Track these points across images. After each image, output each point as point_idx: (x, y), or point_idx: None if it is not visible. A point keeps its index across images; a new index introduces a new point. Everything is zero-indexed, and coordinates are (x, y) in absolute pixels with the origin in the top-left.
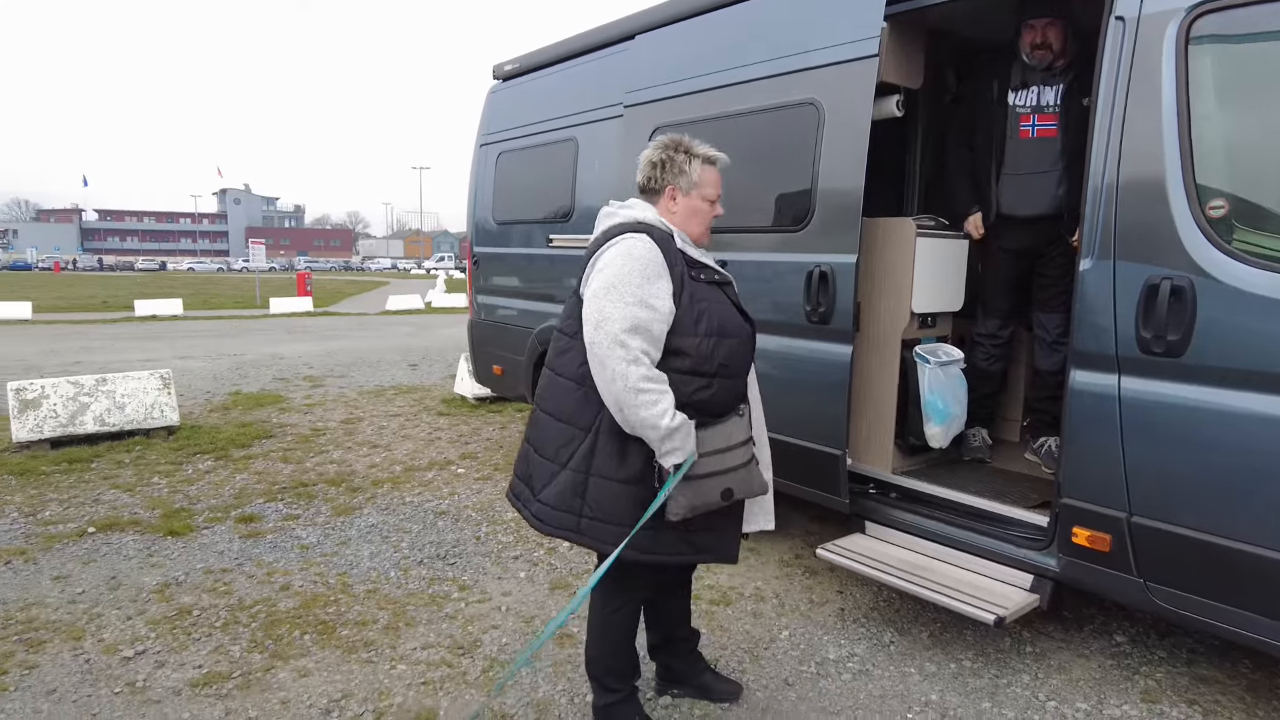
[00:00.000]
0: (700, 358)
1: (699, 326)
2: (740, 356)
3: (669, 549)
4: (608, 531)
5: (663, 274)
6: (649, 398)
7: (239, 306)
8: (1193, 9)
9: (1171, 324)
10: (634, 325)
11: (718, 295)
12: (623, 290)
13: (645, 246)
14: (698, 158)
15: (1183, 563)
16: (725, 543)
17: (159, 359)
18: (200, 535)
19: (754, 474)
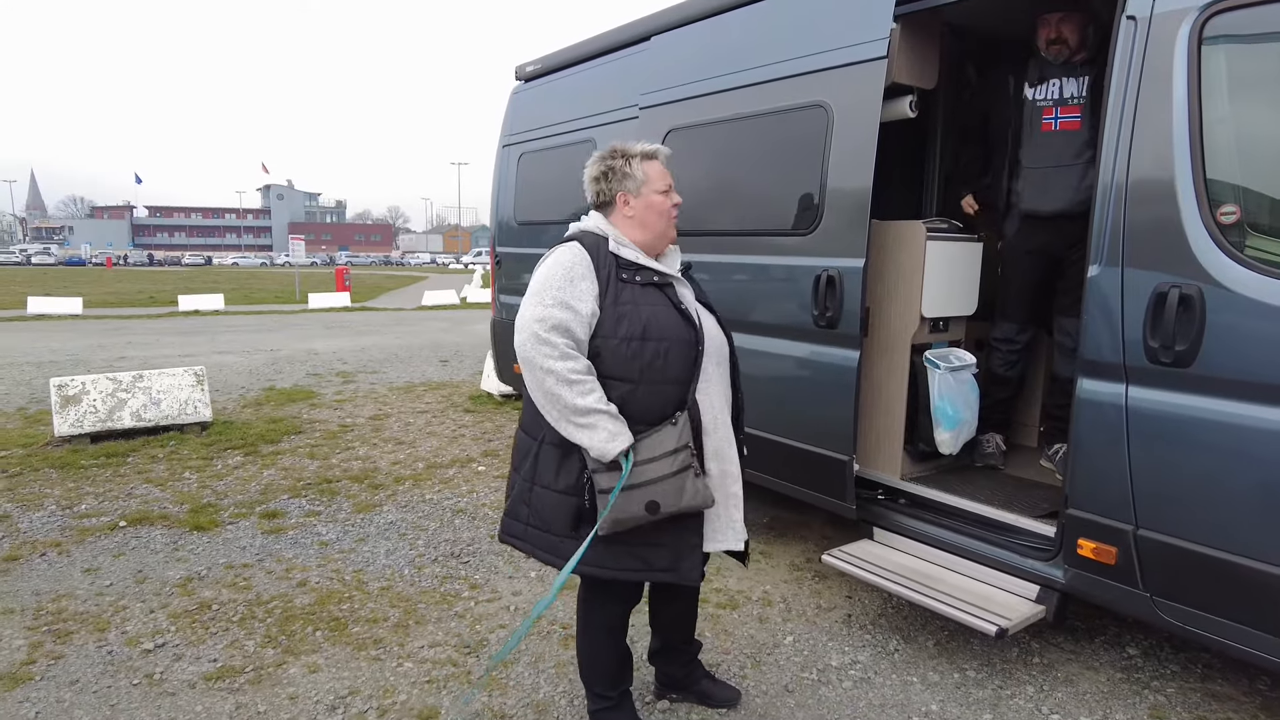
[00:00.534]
0: (619, 361)
1: (618, 329)
2: (674, 360)
3: (617, 564)
4: (545, 540)
5: (586, 276)
6: (584, 387)
7: (279, 301)
8: (1206, 8)
9: (1180, 333)
10: (555, 324)
11: (652, 297)
12: (543, 294)
13: (571, 252)
14: (635, 157)
15: (1189, 578)
16: (684, 562)
17: (198, 354)
18: (225, 530)
19: (687, 486)
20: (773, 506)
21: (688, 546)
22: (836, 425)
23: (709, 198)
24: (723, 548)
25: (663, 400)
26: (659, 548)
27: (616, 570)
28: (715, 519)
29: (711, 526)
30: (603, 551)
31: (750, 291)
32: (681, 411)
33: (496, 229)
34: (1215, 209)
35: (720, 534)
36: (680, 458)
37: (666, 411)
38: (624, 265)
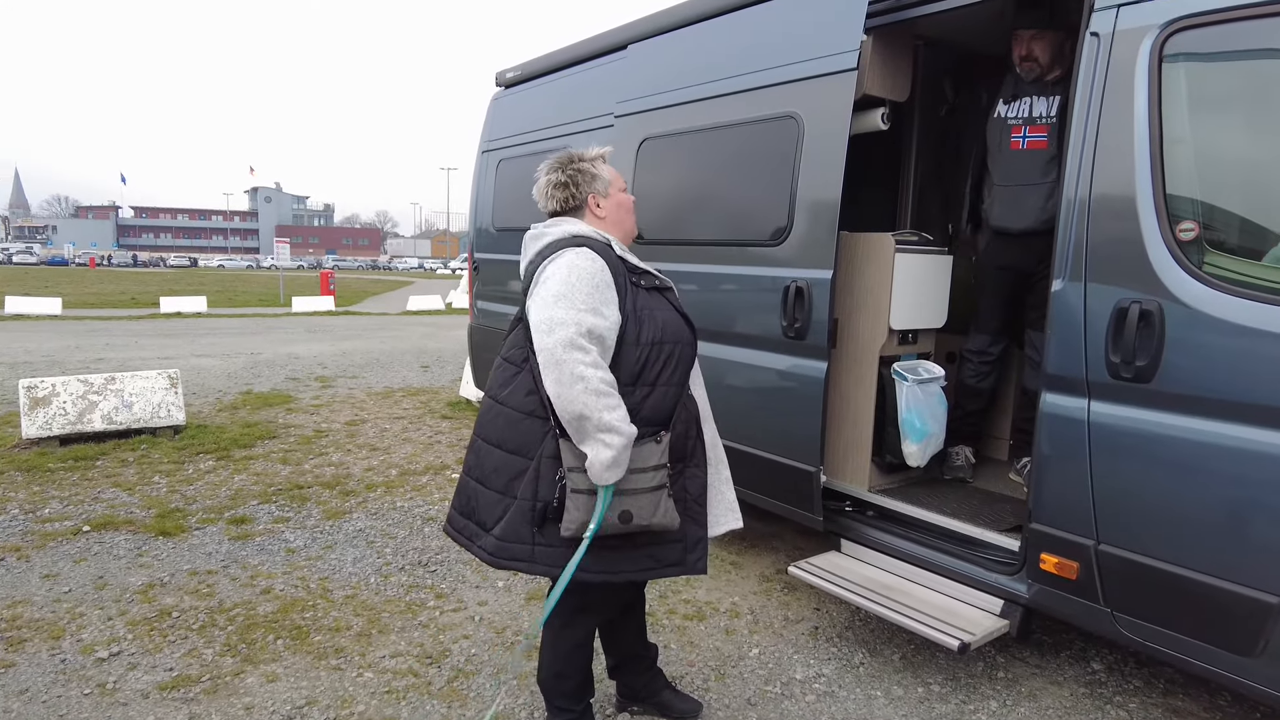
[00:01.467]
0: (641, 366)
1: (641, 334)
2: (682, 363)
3: (632, 566)
4: (558, 555)
5: (610, 283)
6: (612, 401)
7: (263, 304)
8: (1167, 25)
9: (1140, 349)
10: (589, 330)
11: (659, 301)
12: (573, 298)
13: (588, 258)
14: (594, 160)
15: (1149, 593)
16: (692, 554)
17: (176, 357)
18: (191, 536)
19: (660, 504)
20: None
21: (694, 539)
22: (804, 436)
23: (682, 207)
24: (726, 529)
25: (670, 402)
26: (672, 544)
27: (631, 572)
28: (714, 504)
29: (714, 512)
30: (614, 556)
31: (721, 301)
32: (666, 431)
33: (475, 235)
34: (1175, 226)
35: (723, 517)
36: (659, 475)
37: (669, 415)
38: (631, 270)
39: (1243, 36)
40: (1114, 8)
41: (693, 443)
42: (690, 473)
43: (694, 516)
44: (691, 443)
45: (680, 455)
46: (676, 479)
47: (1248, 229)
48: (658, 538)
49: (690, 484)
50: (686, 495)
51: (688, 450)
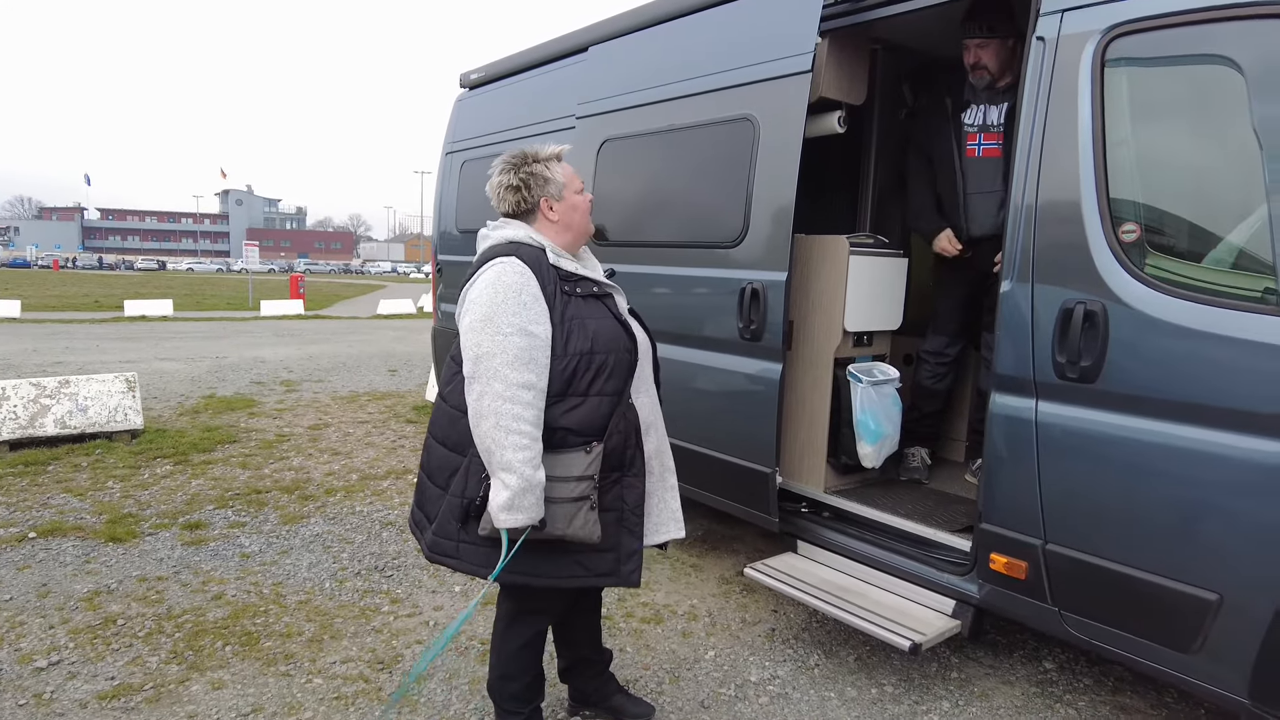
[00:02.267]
0: (569, 378)
1: (569, 345)
2: (616, 372)
3: (558, 572)
4: (481, 554)
5: (538, 296)
6: (518, 441)
7: (231, 308)
8: (1109, 30)
9: (1086, 349)
10: (517, 355)
11: (594, 309)
12: (499, 321)
13: (515, 271)
14: (550, 160)
15: (1095, 592)
16: (626, 565)
17: (138, 360)
18: (143, 542)
19: (579, 516)
20: (706, 519)
21: (628, 550)
22: (760, 437)
23: (642, 208)
24: (666, 538)
25: (602, 412)
26: (603, 553)
27: (557, 578)
28: (657, 512)
29: (654, 520)
30: (541, 559)
31: (680, 303)
32: (597, 443)
33: (438, 237)
34: (1118, 228)
35: (664, 525)
36: (581, 486)
37: (604, 424)
38: (565, 278)
39: (1180, 41)
40: (1058, 13)
41: (631, 452)
42: (628, 482)
43: (630, 527)
44: (630, 452)
45: (617, 465)
46: (612, 488)
47: (1187, 231)
48: (586, 546)
49: (628, 493)
50: (623, 505)
51: (625, 460)
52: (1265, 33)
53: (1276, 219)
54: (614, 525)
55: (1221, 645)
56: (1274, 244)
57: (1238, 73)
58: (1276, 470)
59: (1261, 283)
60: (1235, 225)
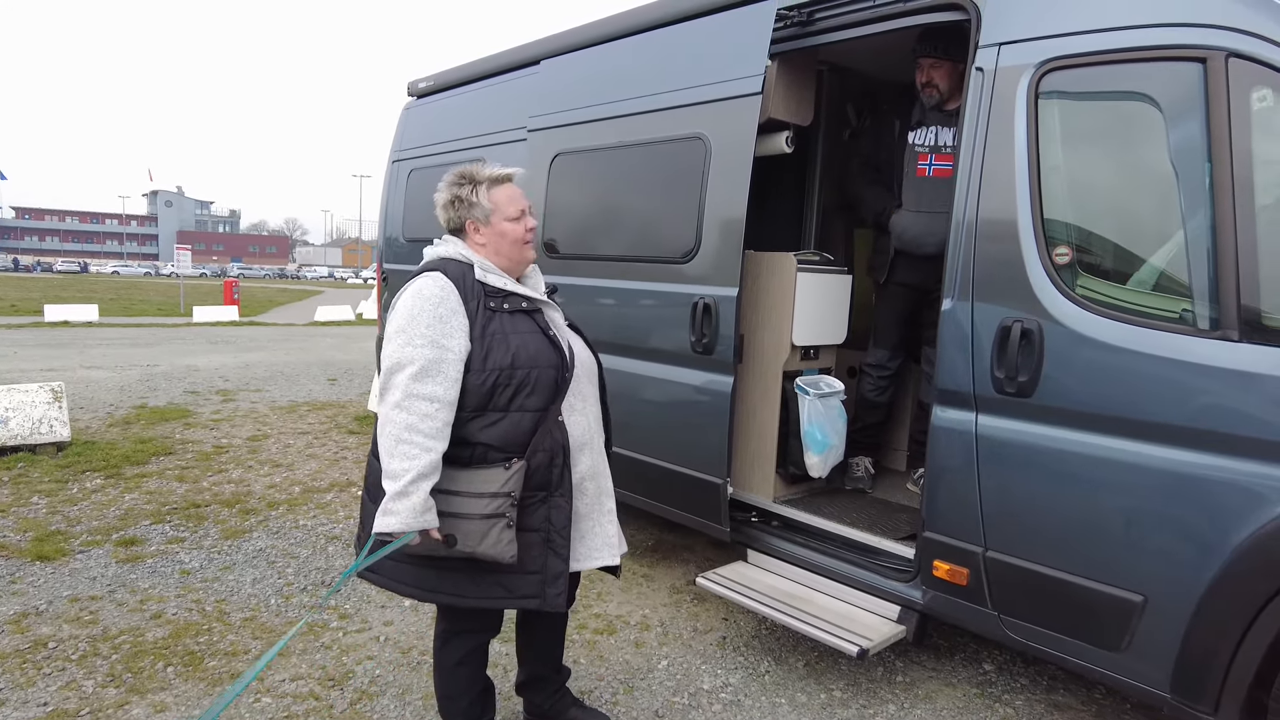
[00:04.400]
0: (487, 393)
1: (487, 361)
2: (540, 388)
3: (480, 592)
4: (404, 570)
5: (457, 310)
6: (406, 450)
7: (161, 314)
8: (1042, 65)
9: (1022, 365)
10: (423, 367)
11: (521, 324)
12: (412, 332)
13: (436, 285)
14: (483, 183)
15: (1031, 596)
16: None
17: (62, 369)
18: (73, 560)
19: (491, 534)
20: (657, 529)
21: (554, 573)
22: (712, 449)
23: (595, 223)
24: (600, 564)
25: (524, 428)
26: (528, 574)
27: (479, 598)
28: (591, 536)
29: (588, 545)
30: (465, 580)
31: (633, 316)
32: (519, 460)
33: (384, 245)
34: (1052, 250)
35: (597, 551)
36: (496, 503)
37: (526, 440)
38: (491, 293)
39: (1105, 78)
40: (996, 46)
41: (559, 471)
42: (555, 502)
43: (556, 549)
44: (557, 472)
45: (543, 484)
46: (538, 508)
47: (1114, 254)
48: (507, 567)
49: (555, 514)
50: (550, 526)
51: (552, 480)
52: (1178, 73)
53: (1192, 244)
54: (540, 546)
55: (1146, 644)
56: (1190, 268)
57: (1156, 108)
58: (1192, 479)
59: (1179, 304)
60: (1156, 249)
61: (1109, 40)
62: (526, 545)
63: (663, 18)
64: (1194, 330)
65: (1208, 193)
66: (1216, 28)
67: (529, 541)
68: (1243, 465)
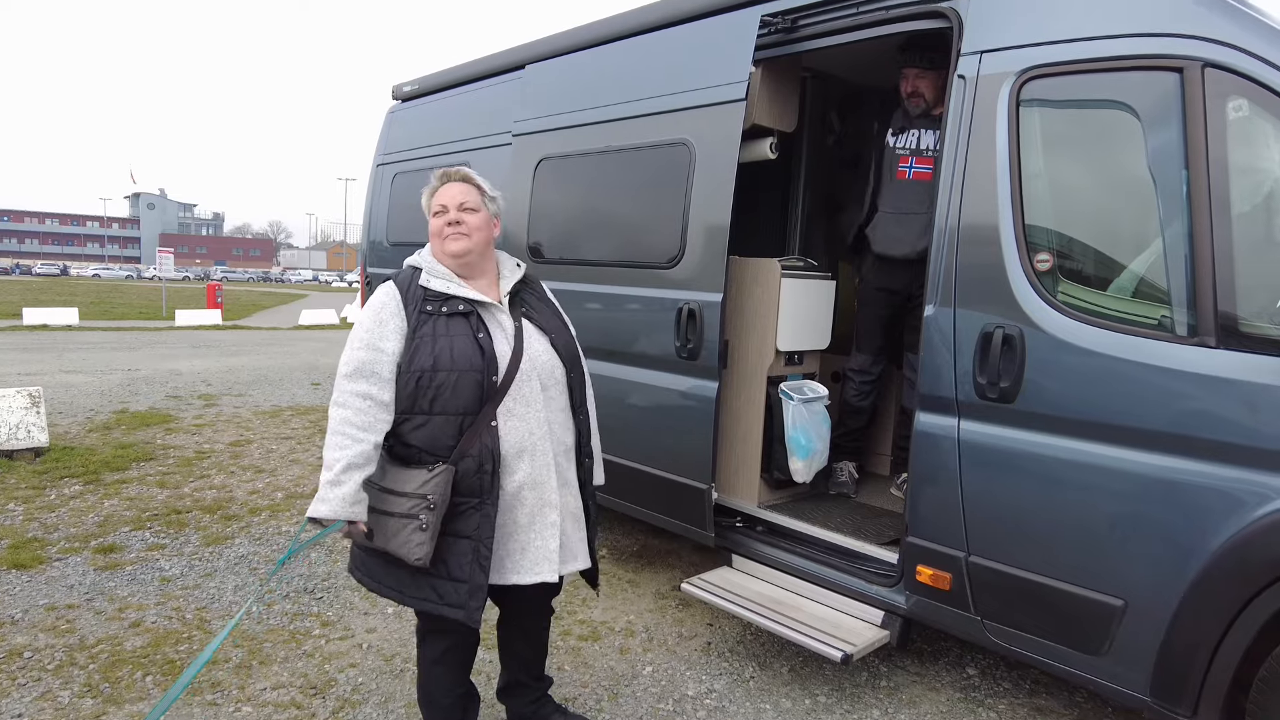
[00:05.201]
0: (412, 395)
1: (411, 364)
2: (462, 391)
3: (416, 593)
4: (375, 567)
5: (396, 314)
6: (338, 440)
7: (143, 317)
8: (1023, 73)
9: (1004, 371)
10: (356, 368)
11: (455, 327)
12: (354, 338)
13: (382, 292)
14: (427, 190)
15: (1013, 601)
16: (473, 600)
17: (40, 373)
18: (50, 568)
19: (402, 534)
20: (642, 534)
21: (476, 584)
22: (697, 454)
23: (580, 227)
24: (537, 579)
25: (447, 432)
26: (457, 583)
27: (414, 599)
28: (531, 550)
29: (528, 558)
30: (406, 578)
31: (617, 321)
32: (443, 463)
33: (369, 249)
34: (1033, 256)
35: (536, 565)
36: (411, 504)
37: (451, 444)
38: (430, 297)
39: (1084, 87)
40: (977, 54)
41: (488, 478)
42: (486, 511)
43: (481, 561)
44: (486, 479)
45: (473, 490)
46: (469, 515)
47: (1095, 260)
48: (438, 572)
49: (484, 524)
50: (479, 536)
51: (482, 486)
52: (1156, 82)
53: (1170, 251)
54: (469, 555)
55: (1127, 648)
56: (1168, 274)
57: (1134, 117)
58: (1172, 484)
59: (1158, 310)
60: (1135, 256)
61: (1088, 49)
62: (458, 552)
63: (648, 23)
64: (1172, 336)
65: (1185, 201)
66: (1193, 38)
67: (461, 549)
68: (1221, 470)
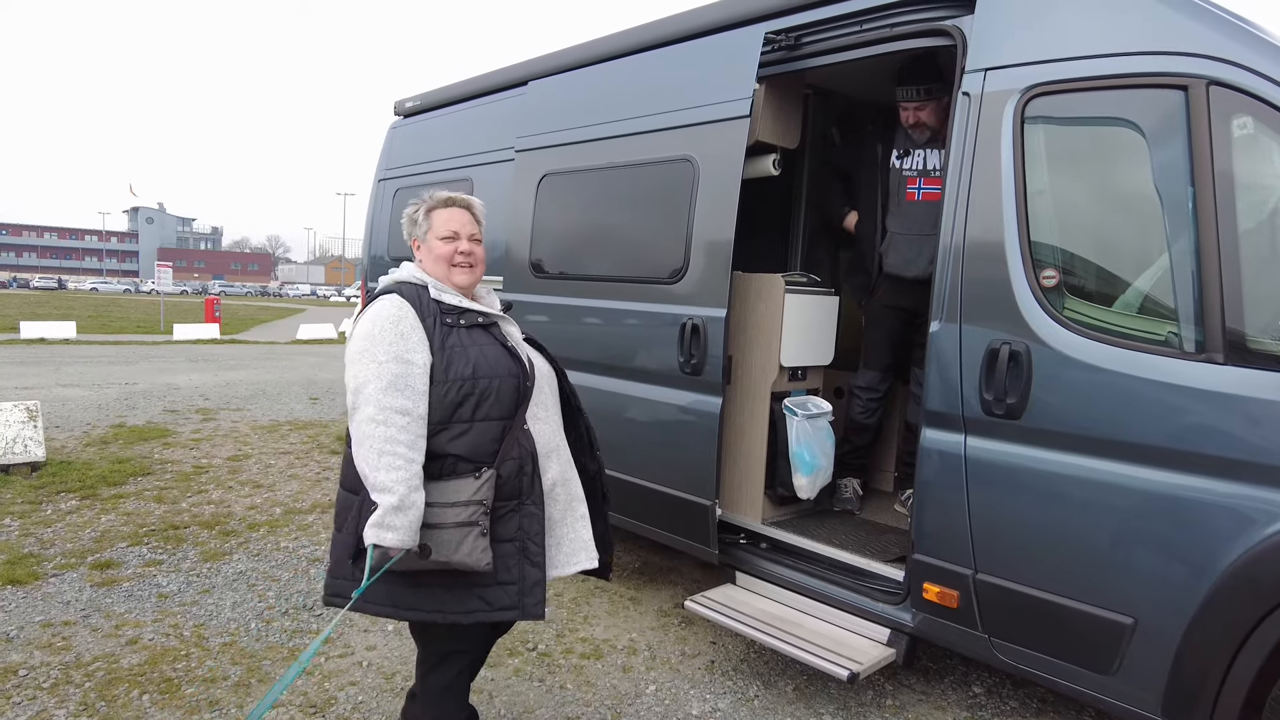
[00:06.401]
0: (451, 404)
1: (449, 372)
2: (503, 397)
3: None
4: (379, 592)
5: (416, 327)
6: (391, 461)
7: (141, 331)
8: (1027, 90)
9: (1011, 387)
10: (390, 383)
11: (478, 338)
12: (375, 351)
13: (392, 305)
14: (425, 205)
15: (1021, 619)
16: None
17: (37, 387)
18: (46, 584)
19: (466, 542)
20: (645, 551)
21: (531, 582)
22: (700, 470)
23: (583, 243)
24: (578, 569)
25: (490, 437)
26: (505, 585)
27: (458, 613)
28: (567, 542)
29: (564, 551)
30: (443, 595)
31: (621, 336)
32: (488, 469)
33: (369, 263)
34: (1039, 272)
35: (574, 556)
36: (469, 511)
37: (494, 449)
38: (446, 310)
39: (1089, 104)
40: (982, 71)
41: (528, 479)
42: (528, 510)
43: (532, 558)
44: (527, 479)
45: (514, 493)
46: (511, 517)
47: (1101, 277)
48: (484, 578)
49: (527, 522)
50: (525, 535)
51: (522, 487)
52: (1161, 100)
53: (1176, 267)
54: (516, 556)
55: (1137, 666)
56: (1175, 290)
57: (1140, 134)
58: (1181, 501)
59: (1165, 326)
60: (1141, 273)
61: (1093, 67)
62: (502, 556)
63: (651, 40)
64: (1180, 353)
65: (1191, 217)
66: (1197, 56)
67: (504, 552)
68: (1230, 487)
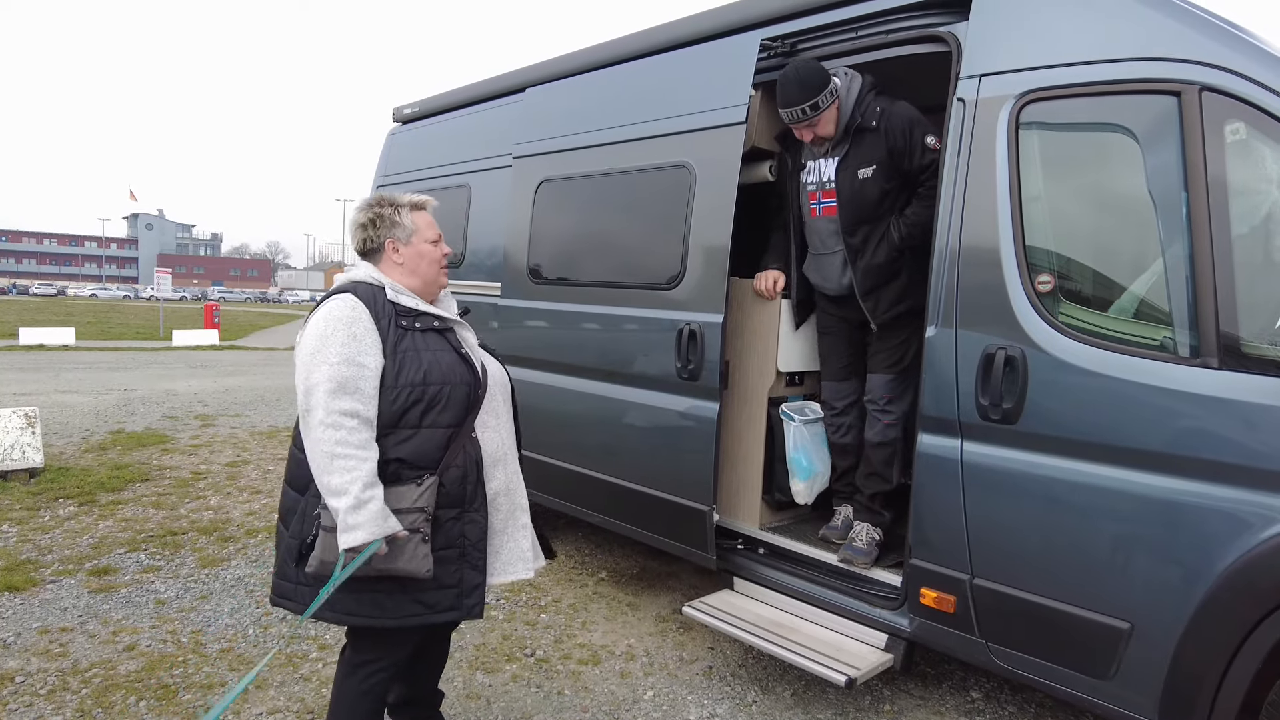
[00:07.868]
0: (400, 409)
1: (399, 378)
2: (453, 404)
3: (399, 611)
4: (298, 591)
5: (370, 329)
6: (344, 464)
7: (140, 337)
8: (1022, 96)
9: (1007, 392)
10: (340, 385)
11: (433, 343)
12: (327, 352)
13: (347, 305)
14: (404, 207)
15: (1018, 624)
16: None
17: (36, 393)
18: (44, 590)
19: (407, 549)
20: (642, 556)
21: (470, 585)
22: (698, 475)
23: (580, 249)
24: (513, 578)
25: (436, 444)
26: (445, 589)
27: (400, 618)
28: (505, 552)
29: (501, 560)
30: (385, 599)
31: (618, 342)
32: (431, 475)
33: None
34: (1034, 277)
35: (511, 565)
36: (410, 519)
37: (438, 456)
38: (403, 313)
39: (1083, 110)
40: (976, 77)
41: (471, 488)
42: (469, 518)
43: (472, 562)
44: (470, 488)
45: (457, 500)
46: (452, 524)
47: (1096, 282)
48: (423, 584)
49: (469, 529)
50: (465, 541)
51: (465, 495)
52: (1154, 105)
53: (1171, 272)
54: (455, 561)
55: (1134, 671)
56: (1169, 295)
57: (1133, 140)
58: (1177, 505)
59: (1160, 331)
60: (1136, 277)
61: (1087, 73)
62: (443, 561)
63: (648, 47)
64: (1175, 357)
65: (1185, 222)
66: (1190, 62)
67: (445, 557)
68: (1226, 491)
